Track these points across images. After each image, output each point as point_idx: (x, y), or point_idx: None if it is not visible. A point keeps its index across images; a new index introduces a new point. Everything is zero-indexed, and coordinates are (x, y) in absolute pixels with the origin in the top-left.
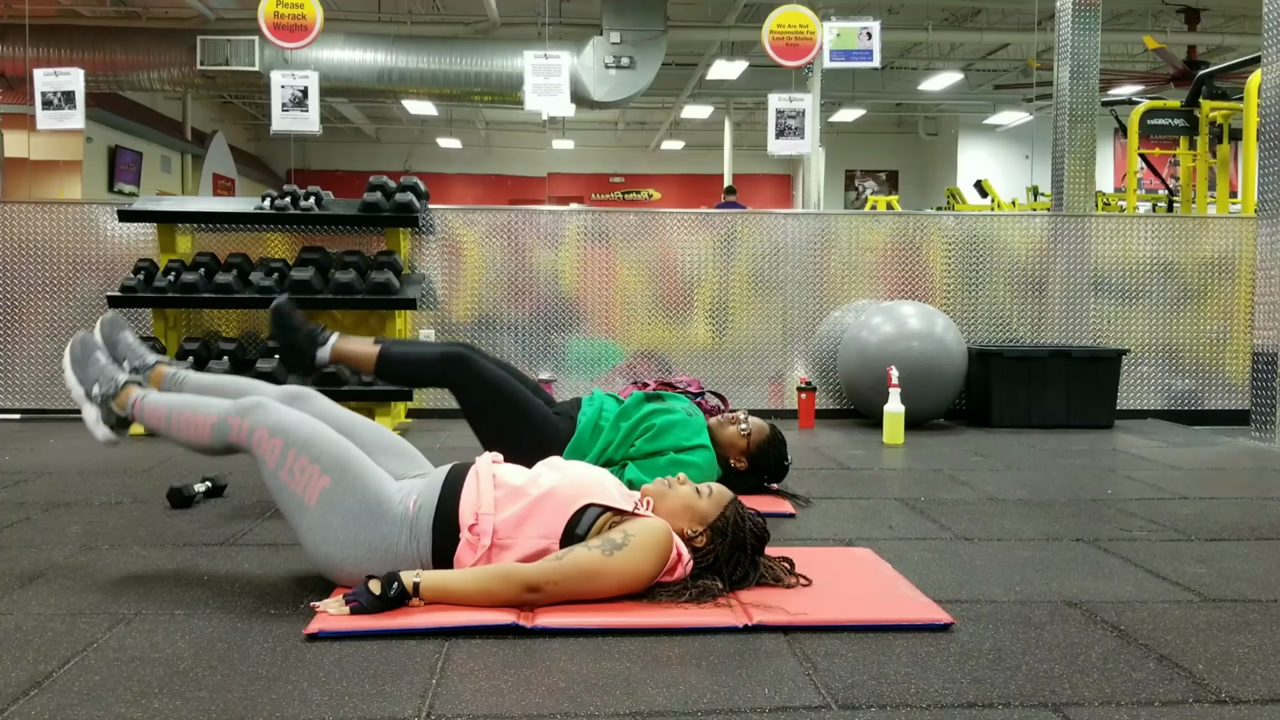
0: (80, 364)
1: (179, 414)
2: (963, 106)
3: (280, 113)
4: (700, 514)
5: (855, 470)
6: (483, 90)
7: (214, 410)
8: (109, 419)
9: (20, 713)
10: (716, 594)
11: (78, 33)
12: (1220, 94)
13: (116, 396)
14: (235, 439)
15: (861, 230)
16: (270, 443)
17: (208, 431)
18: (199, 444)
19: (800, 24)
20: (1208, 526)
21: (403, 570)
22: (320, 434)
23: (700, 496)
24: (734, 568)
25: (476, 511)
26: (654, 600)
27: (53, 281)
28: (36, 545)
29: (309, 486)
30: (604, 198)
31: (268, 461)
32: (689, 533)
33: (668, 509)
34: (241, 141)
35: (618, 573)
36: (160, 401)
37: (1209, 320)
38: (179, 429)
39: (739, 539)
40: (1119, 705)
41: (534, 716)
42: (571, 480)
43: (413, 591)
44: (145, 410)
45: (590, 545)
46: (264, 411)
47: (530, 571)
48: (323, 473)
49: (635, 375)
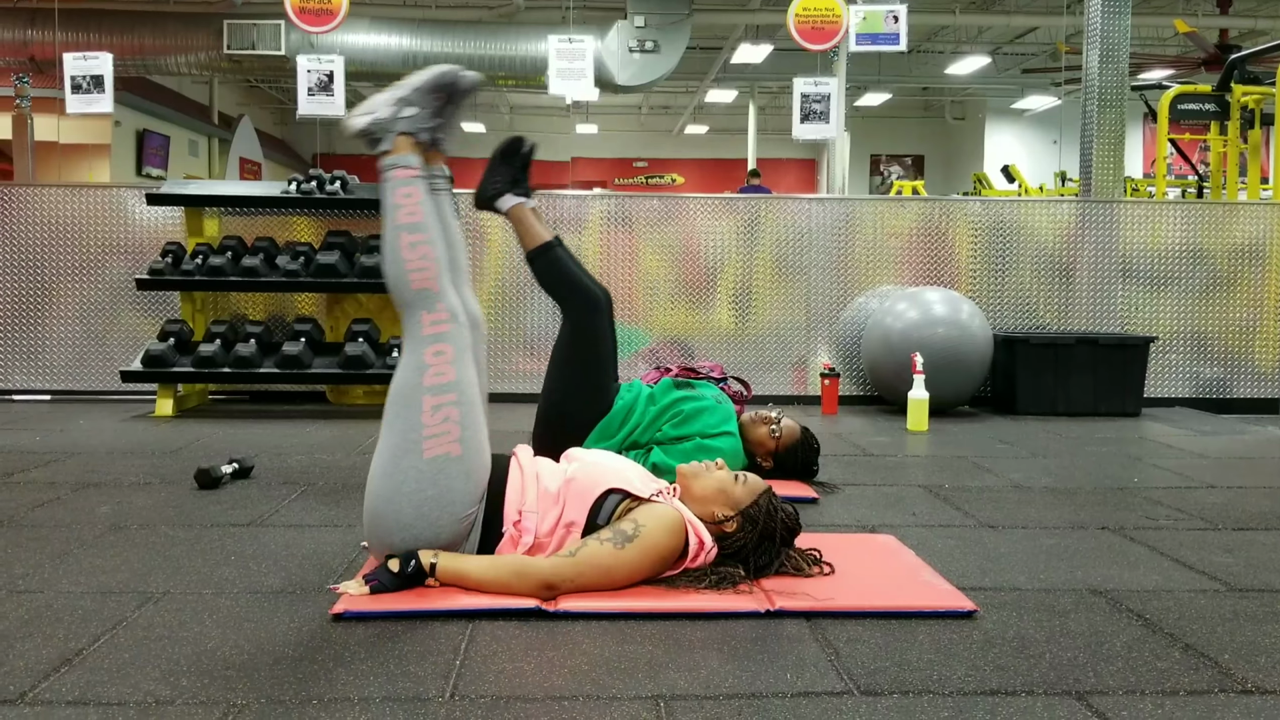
0: (438, 87)
1: (427, 232)
2: (990, 91)
3: (306, 97)
4: (734, 499)
5: (879, 457)
6: (507, 74)
7: (445, 281)
8: (379, 131)
9: (51, 689)
10: (738, 581)
11: (106, 17)
12: (1252, 78)
13: (406, 136)
14: (425, 319)
15: (887, 215)
16: (445, 366)
17: (425, 283)
18: (403, 274)
19: (826, 7)
20: (1235, 516)
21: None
22: (479, 408)
23: (736, 483)
24: (759, 556)
25: (520, 509)
26: (674, 586)
27: (82, 264)
28: (66, 525)
29: (439, 440)
30: (627, 182)
31: (426, 375)
32: (719, 517)
33: (701, 490)
34: (268, 125)
35: (631, 564)
36: (424, 199)
37: (1238, 308)
38: (413, 241)
39: (769, 529)
40: (1143, 694)
41: (557, 698)
42: (590, 467)
43: (429, 571)
44: (408, 186)
45: (602, 538)
46: (462, 338)
47: (546, 569)
48: (459, 441)
49: (658, 360)
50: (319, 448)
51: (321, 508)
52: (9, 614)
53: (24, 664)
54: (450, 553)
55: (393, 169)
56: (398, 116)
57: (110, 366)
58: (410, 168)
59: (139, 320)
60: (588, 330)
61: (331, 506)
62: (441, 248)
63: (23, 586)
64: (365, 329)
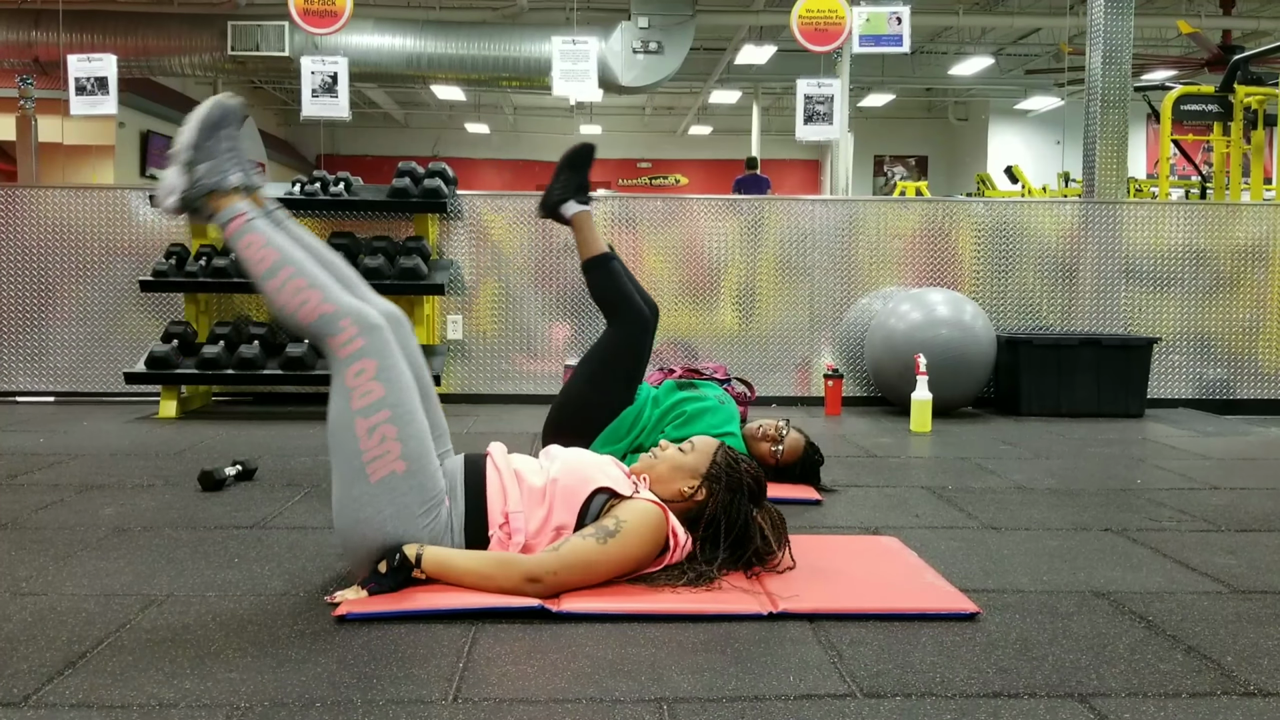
0: (208, 130)
1: (287, 267)
2: (993, 91)
3: (310, 98)
4: (690, 468)
5: (882, 458)
6: (511, 75)
7: (333, 298)
8: (191, 202)
9: (54, 692)
10: (713, 577)
11: (110, 18)
12: (1255, 79)
13: (216, 193)
14: (335, 345)
15: (890, 216)
16: (369, 384)
17: (314, 313)
18: (291, 316)
19: (829, 9)
20: (1238, 517)
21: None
22: (417, 413)
23: (685, 453)
24: (734, 513)
25: (505, 510)
26: (653, 585)
27: (85, 266)
28: (70, 527)
29: (380, 461)
30: (631, 183)
31: (352, 399)
32: (686, 490)
33: (659, 476)
34: (271, 126)
35: (613, 559)
36: (270, 238)
37: (1241, 308)
38: (279, 283)
39: (734, 481)
40: (1146, 696)
41: (560, 701)
42: (574, 467)
43: (415, 562)
44: (246, 234)
45: (585, 534)
46: (382, 345)
47: (529, 563)
48: (401, 457)
49: (662, 361)
50: (323, 449)
51: (325, 510)
52: (13, 616)
53: (28, 667)
54: (434, 547)
55: (225, 225)
56: (195, 181)
57: (114, 368)
58: (238, 215)
59: (143, 322)
60: (634, 345)
61: None
62: (312, 270)
63: (26, 589)
64: None
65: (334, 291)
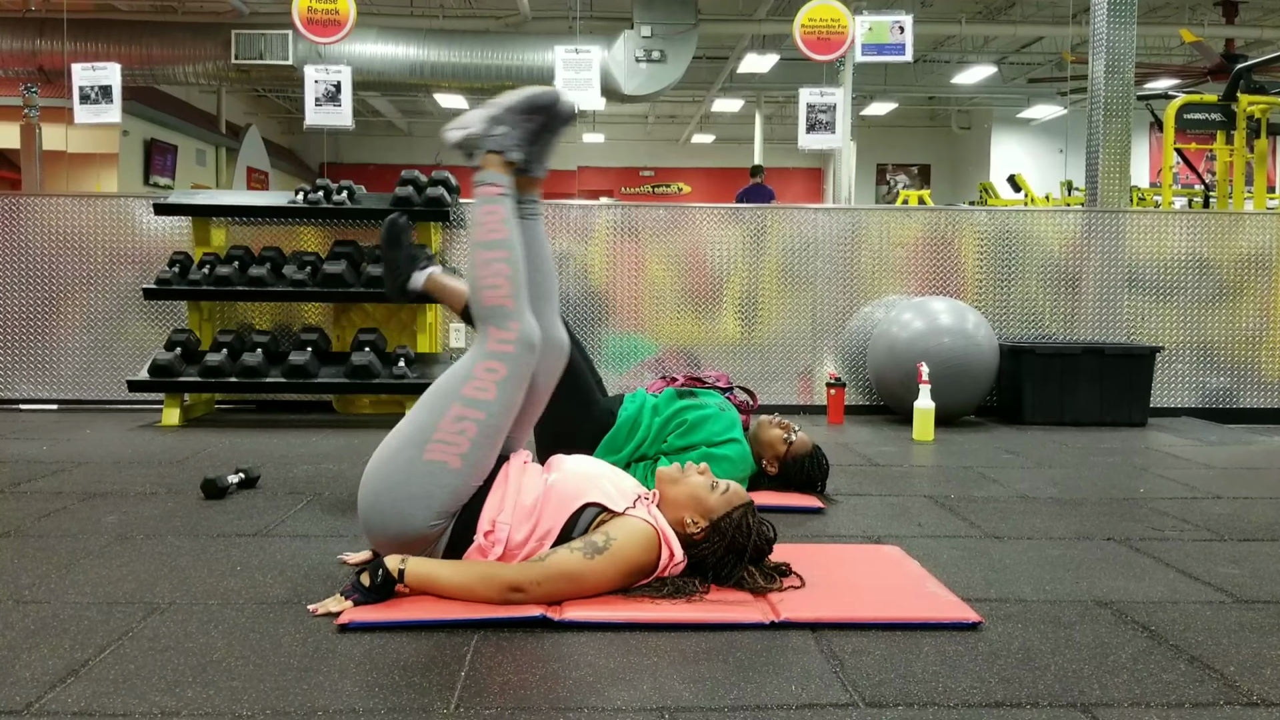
0: (531, 108)
1: (505, 251)
2: (996, 100)
3: (314, 107)
4: (706, 507)
5: (884, 467)
6: (514, 84)
7: (520, 302)
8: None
9: (56, 700)
10: (692, 591)
11: (115, 27)
12: (1258, 88)
13: (495, 154)
14: (491, 335)
15: (892, 225)
16: (490, 384)
17: (496, 300)
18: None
19: (832, 18)
20: (1241, 527)
21: (405, 552)
22: (500, 438)
23: (712, 491)
24: (721, 568)
25: (495, 519)
26: (629, 595)
27: (89, 274)
28: (73, 534)
29: (444, 447)
30: (634, 191)
31: (469, 384)
32: (688, 522)
33: (672, 498)
34: (275, 135)
35: (599, 574)
36: (508, 219)
37: (1245, 317)
38: (489, 258)
39: (738, 544)
40: (1149, 706)
41: (561, 709)
42: (570, 477)
43: (398, 577)
44: (493, 204)
45: (573, 547)
46: (525, 365)
47: (513, 573)
48: (461, 457)
49: (664, 370)
50: (325, 457)
51: (328, 518)
52: (15, 624)
53: (30, 675)
54: (418, 558)
55: (479, 185)
56: (487, 134)
57: (117, 376)
58: (495, 185)
59: (146, 330)
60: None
61: (338, 517)
62: (521, 269)
63: (29, 597)
64: (372, 339)
65: (524, 297)
